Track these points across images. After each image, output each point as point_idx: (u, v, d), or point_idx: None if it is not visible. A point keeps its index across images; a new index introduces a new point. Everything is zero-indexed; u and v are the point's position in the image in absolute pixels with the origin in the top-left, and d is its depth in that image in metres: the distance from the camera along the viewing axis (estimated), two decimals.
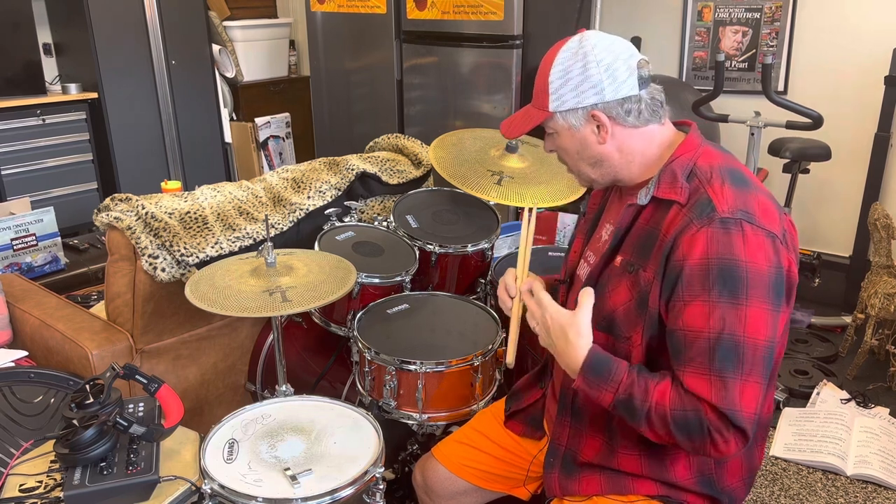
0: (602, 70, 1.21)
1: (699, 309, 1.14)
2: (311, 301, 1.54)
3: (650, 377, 1.19)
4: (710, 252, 1.13)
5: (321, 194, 2.14)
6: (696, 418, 1.13)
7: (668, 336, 1.18)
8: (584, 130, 1.26)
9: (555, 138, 1.31)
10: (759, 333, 1.12)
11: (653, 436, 1.19)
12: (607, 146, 1.26)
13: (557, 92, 1.24)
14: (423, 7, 3.60)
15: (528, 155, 2.23)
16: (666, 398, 1.15)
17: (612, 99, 1.22)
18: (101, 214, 1.86)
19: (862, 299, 2.92)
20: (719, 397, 1.11)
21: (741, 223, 1.14)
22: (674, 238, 1.17)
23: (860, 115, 3.35)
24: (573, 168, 1.34)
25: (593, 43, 1.22)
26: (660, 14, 3.81)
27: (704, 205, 1.16)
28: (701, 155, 1.24)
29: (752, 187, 1.20)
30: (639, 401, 1.17)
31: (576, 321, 1.23)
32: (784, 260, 1.16)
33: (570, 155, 1.32)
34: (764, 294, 1.13)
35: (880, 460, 2.33)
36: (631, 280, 1.24)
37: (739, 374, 1.12)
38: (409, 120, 3.89)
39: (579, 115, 1.25)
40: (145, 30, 4.03)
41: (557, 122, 1.27)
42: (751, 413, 1.12)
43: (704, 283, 1.13)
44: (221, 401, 2.15)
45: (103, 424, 1.36)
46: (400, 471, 1.93)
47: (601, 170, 1.30)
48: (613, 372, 1.19)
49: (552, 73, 1.25)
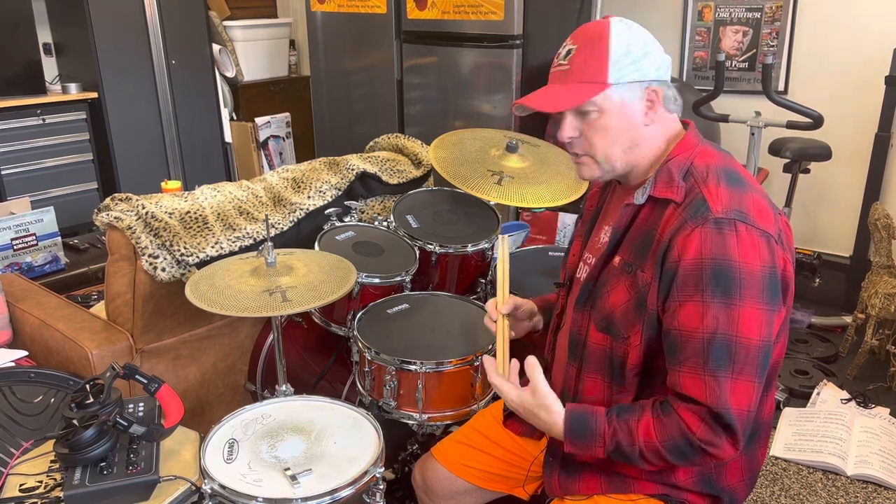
0: (656, 50, 1.24)
1: (693, 309, 1.14)
2: (311, 301, 1.54)
3: (630, 416, 1.20)
4: (703, 252, 1.13)
5: (321, 194, 2.14)
6: (685, 441, 1.15)
7: (664, 336, 1.19)
8: (636, 106, 1.24)
9: (592, 119, 1.24)
10: (753, 333, 1.13)
11: (653, 468, 1.22)
12: (649, 128, 1.25)
13: (619, 63, 1.21)
14: (423, 7, 3.60)
15: (528, 155, 2.22)
16: (652, 433, 1.17)
17: (665, 78, 1.25)
18: (102, 214, 1.86)
19: (862, 299, 2.92)
20: (714, 398, 1.12)
21: (735, 223, 1.14)
22: (669, 238, 1.17)
23: (860, 115, 3.34)
24: (602, 153, 1.26)
25: (636, 26, 1.24)
26: (660, 14, 3.81)
27: (699, 204, 1.16)
28: (698, 154, 1.24)
29: (747, 187, 1.19)
30: (627, 446, 1.19)
31: (539, 400, 1.25)
32: (779, 260, 1.16)
33: (609, 136, 1.24)
34: (758, 294, 1.13)
35: (880, 460, 2.33)
36: (629, 280, 1.24)
37: (730, 372, 1.13)
38: (409, 120, 3.89)
39: (636, 90, 1.23)
40: (145, 30, 4.03)
41: (611, 97, 1.22)
42: (741, 410, 1.13)
43: (698, 284, 1.13)
44: (221, 401, 2.15)
45: (103, 424, 1.36)
46: (400, 471, 1.93)
47: (631, 156, 1.26)
48: (594, 427, 1.21)
49: (613, 45, 1.21)
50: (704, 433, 1.14)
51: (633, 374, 1.25)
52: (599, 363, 1.30)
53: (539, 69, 3.45)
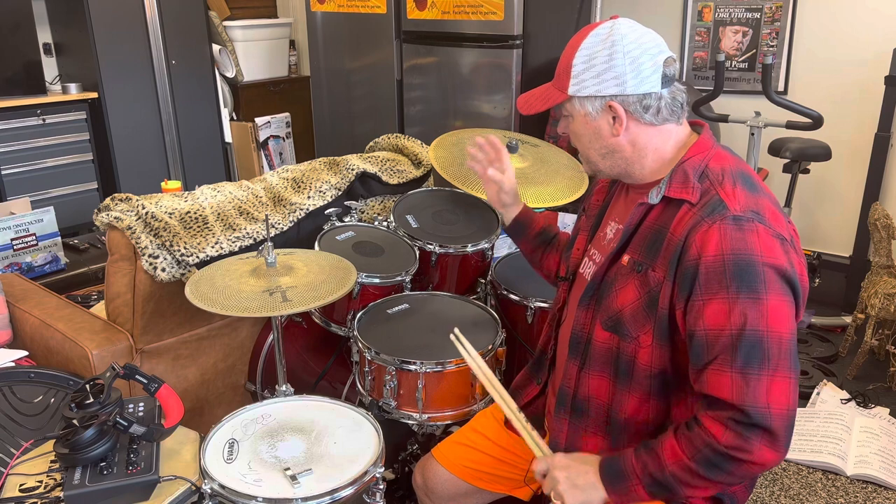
0: (627, 62, 1.19)
1: (719, 307, 1.12)
2: (311, 301, 1.54)
3: (654, 443, 1.19)
4: (724, 248, 1.12)
5: (321, 194, 2.14)
6: (712, 451, 1.11)
7: (689, 339, 1.16)
8: (600, 120, 1.25)
9: (569, 121, 1.30)
10: (782, 326, 1.11)
11: (703, 491, 1.18)
12: (620, 139, 1.25)
13: (579, 76, 1.23)
14: (423, 7, 3.60)
15: (528, 155, 2.23)
16: (678, 452, 1.15)
17: (632, 93, 1.21)
18: (102, 214, 1.86)
19: (862, 299, 2.92)
20: (740, 395, 1.09)
21: (753, 221, 1.13)
22: (685, 237, 1.16)
23: (860, 115, 3.35)
24: (583, 154, 1.33)
25: (623, 32, 1.20)
26: (660, 14, 3.81)
27: (716, 204, 1.15)
28: (713, 157, 1.23)
29: (761, 192, 1.20)
30: (658, 473, 1.16)
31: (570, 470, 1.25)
32: (797, 264, 1.15)
33: (582, 141, 1.31)
34: (781, 287, 1.12)
35: (880, 460, 2.33)
36: (639, 280, 1.23)
37: (766, 369, 1.09)
38: (409, 120, 3.89)
39: (596, 104, 1.24)
40: (145, 30, 4.04)
41: (574, 106, 1.26)
42: (780, 409, 1.09)
43: (721, 280, 1.11)
44: (221, 401, 2.15)
45: (103, 424, 1.36)
46: (400, 471, 1.93)
47: (610, 161, 1.29)
48: (623, 466, 1.20)
49: (577, 57, 1.23)
50: (730, 439, 1.10)
51: (645, 376, 1.24)
52: (604, 362, 1.29)
53: (539, 69, 3.45)
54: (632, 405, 1.27)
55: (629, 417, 1.28)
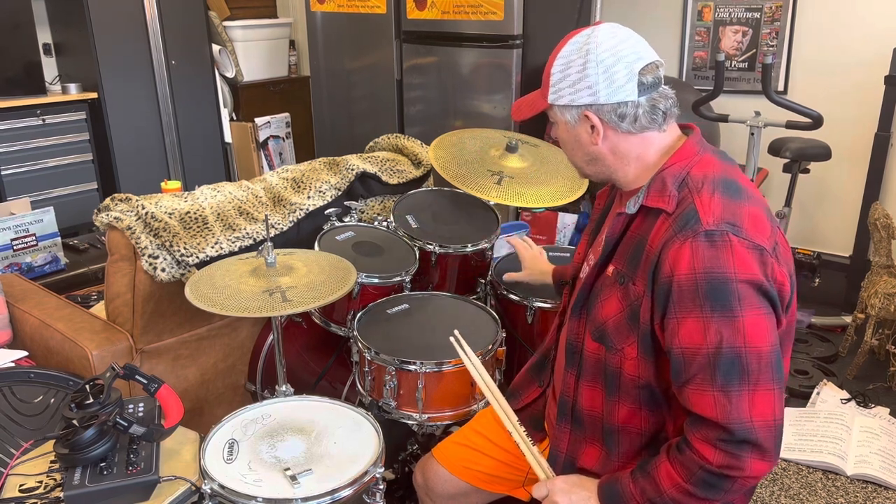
0: (600, 72, 1.18)
1: (694, 325, 1.11)
2: (311, 301, 1.54)
3: (650, 467, 1.18)
4: (696, 267, 1.10)
5: (321, 194, 2.14)
6: (706, 472, 1.11)
7: (668, 355, 1.16)
8: (578, 128, 1.25)
9: (555, 127, 1.31)
10: (761, 340, 1.09)
11: None
12: (600, 147, 1.25)
13: (556, 85, 1.24)
14: (423, 7, 3.60)
15: (528, 155, 2.23)
16: (674, 476, 1.14)
17: (605, 102, 1.19)
18: (101, 214, 1.86)
19: (862, 299, 2.92)
20: (724, 414, 1.09)
21: (727, 234, 1.10)
22: (658, 251, 1.14)
23: (860, 115, 3.35)
24: (569, 160, 1.35)
25: (600, 41, 1.19)
26: (660, 14, 3.81)
27: (689, 216, 1.13)
28: (697, 163, 1.21)
29: (745, 198, 1.16)
30: (659, 499, 1.16)
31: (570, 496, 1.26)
32: (776, 273, 1.12)
33: (567, 148, 1.32)
34: (758, 302, 1.10)
35: (880, 460, 2.33)
36: (622, 292, 1.22)
37: (746, 385, 1.09)
38: (409, 120, 3.89)
39: (573, 113, 1.24)
40: (145, 30, 4.04)
41: (556, 114, 1.27)
42: (766, 422, 1.09)
43: (695, 299, 1.10)
44: (221, 401, 2.15)
45: (103, 424, 1.36)
46: (400, 471, 1.93)
47: (595, 167, 1.30)
48: (621, 492, 1.20)
49: (555, 65, 1.24)
50: (720, 459, 1.09)
51: (633, 386, 1.23)
52: (595, 372, 1.29)
53: (539, 69, 3.43)
54: (623, 415, 1.26)
55: (622, 426, 1.27)
